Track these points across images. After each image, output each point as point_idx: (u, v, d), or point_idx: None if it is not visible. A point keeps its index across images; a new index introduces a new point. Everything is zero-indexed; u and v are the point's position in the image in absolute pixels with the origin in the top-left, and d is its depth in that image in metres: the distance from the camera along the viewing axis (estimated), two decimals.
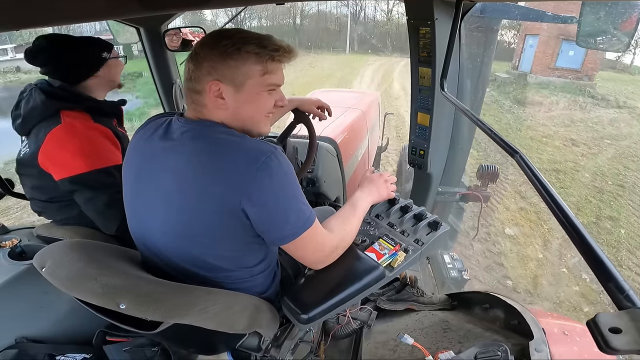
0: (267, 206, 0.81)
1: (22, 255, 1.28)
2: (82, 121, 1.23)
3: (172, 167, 0.83)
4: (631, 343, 0.41)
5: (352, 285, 0.98)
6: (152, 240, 0.91)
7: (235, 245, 0.88)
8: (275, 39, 0.87)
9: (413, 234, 1.15)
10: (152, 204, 0.87)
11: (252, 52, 0.83)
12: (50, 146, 1.18)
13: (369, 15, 36.34)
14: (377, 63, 22.94)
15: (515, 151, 0.94)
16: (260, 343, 0.99)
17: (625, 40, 1.58)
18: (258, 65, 0.85)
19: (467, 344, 1.04)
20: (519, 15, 2.38)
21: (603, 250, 0.56)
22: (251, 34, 0.85)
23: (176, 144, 0.84)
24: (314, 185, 2.12)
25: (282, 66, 0.91)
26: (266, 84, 0.88)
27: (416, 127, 2.06)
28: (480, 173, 2.86)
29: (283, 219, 0.83)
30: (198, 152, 0.81)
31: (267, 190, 0.79)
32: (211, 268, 0.89)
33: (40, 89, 1.23)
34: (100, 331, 1.17)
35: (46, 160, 1.20)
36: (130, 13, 1.59)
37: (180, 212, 0.83)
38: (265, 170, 0.78)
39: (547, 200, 0.73)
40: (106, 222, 1.26)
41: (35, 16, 0.94)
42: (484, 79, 2.59)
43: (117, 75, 1.39)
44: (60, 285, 0.78)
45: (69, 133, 1.19)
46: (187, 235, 0.85)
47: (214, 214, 0.81)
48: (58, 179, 1.20)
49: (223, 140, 0.82)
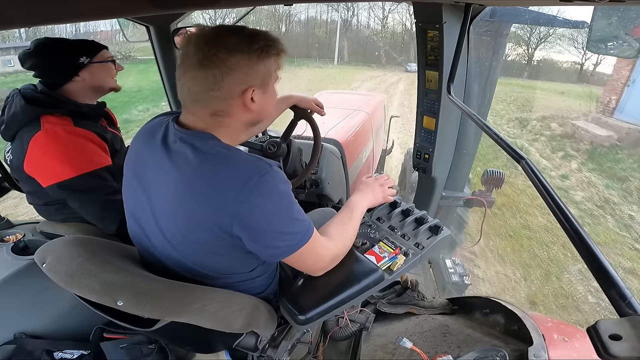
0: (259, 229, 0.78)
1: (25, 250, 1.29)
2: (63, 126, 1.20)
3: (165, 177, 0.81)
4: (631, 350, 0.40)
5: (351, 288, 0.97)
6: (148, 244, 0.90)
7: (229, 259, 0.87)
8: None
9: (414, 237, 1.14)
10: (147, 209, 0.86)
11: (272, 52, 0.82)
12: (34, 153, 1.17)
13: (362, 22, 32.65)
14: (368, 83, 19.64)
15: (521, 157, 0.93)
16: (257, 343, 0.98)
17: (637, 46, 1.56)
18: (275, 62, 0.85)
19: (466, 348, 1.03)
20: (530, 19, 2.36)
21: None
22: (260, 31, 0.83)
23: (171, 152, 0.81)
24: (318, 187, 2.11)
25: None
26: (277, 78, 0.88)
27: (421, 131, 2.05)
28: (485, 178, 2.83)
29: (276, 239, 0.81)
30: (190, 169, 0.78)
31: (259, 213, 0.76)
32: (206, 276, 0.88)
33: (22, 94, 1.21)
34: (97, 328, 1.18)
35: (32, 168, 1.19)
36: (142, 11, 1.60)
37: (174, 224, 0.82)
38: (257, 191, 0.75)
39: (552, 207, 0.72)
40: (105, 223, 1.26)
41: (46, 13, 0.95)
42: (491, 83, 2.57)
43: (103, 80, 1.32)
44: (59, 281, 0.78)
45: (50, 138, 1.17)
46: (181, 247, 0.84)
47: (206, 233, 0.79)
48: (46, 186, 1.19)
49: (217, 157, 0.79)
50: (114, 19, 2.06)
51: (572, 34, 20.25)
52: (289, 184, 0.82)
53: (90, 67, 1.27)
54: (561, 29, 14.96)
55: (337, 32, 29.38)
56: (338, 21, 30.55)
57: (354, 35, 31.35)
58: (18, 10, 0.82)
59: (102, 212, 1.24)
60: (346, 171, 2.41)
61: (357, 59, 28.98)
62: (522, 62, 24.04)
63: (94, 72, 1.29)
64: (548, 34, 23.75)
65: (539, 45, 24.79)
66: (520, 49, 24.52)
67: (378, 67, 25.56)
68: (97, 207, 1.23)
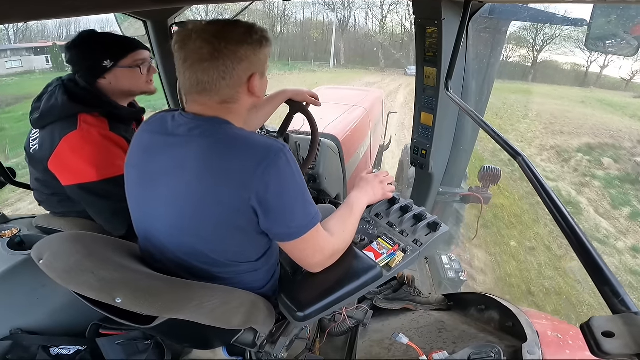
0: (275, 203, 0.82)
1: (21, 245, 1.28)
2: (99, 128, 1.19)
3: (178, 164, 0.83)
4: (624, 347, 0.40)
5: (349, 284, 0.98)
6: (155, 234, 0.91)
7: (240, 240, 0.88)
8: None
9: (412, 234, 1.15)
10: (157, 199, 0.88)
11: (268, 42, 0.90)
12: (63, 151, 1.15)
13: (360, 24, 30.70)
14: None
15: (518, 153, 0.94)
16: (255, 339, 0.99)
17: (635, 44, 1.57)
18: (269, 50, 0.92)
19: (461, 344, 1.04)
20: (529, 17, 2.36)
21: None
22: (252, 24, 0.90)
23: (182, 140, 0.84)
24: (315, 182, 2.12)
25: None
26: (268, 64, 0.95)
27: (419, 127, 2.05)
28: (482, 174, 2.85)
29: (290, 216, 0.85)
30: (207, 150, 0.82)
31: (275, 188, 0.80)
32: (214, 263, 0.89)
33: (65, 86, 1.19)
34: (93, 324, 1.18)
35: (57, 165, 1.17)
36: (140, 6, 1.58)
37: (187, 209, 0.84)
38: (274, 167, 0.80)
39: (548, 203, 0.73)
40: (113, 228, 1.25)
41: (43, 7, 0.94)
42: (489, 80, 2.58)
43: (130, 84, 1.27)
44: (57, 278, 0.78)
45: (83, 140, 1.15)
46: (192, 232, 0.86)
47: (221, 213, 0.82)
48: (66, 185, 1.18)
49: (232, 138, 0.84)
50: (112, 13, 2.04)
51: (578, 35, 19.20)
52: (298, 165, 0.86)
53: (115, 70, 1.22)
54: (566, 29, 13.95)
55: (334, 33, 27.87)
56: (334, 22, 29.09)
57: (352, 36, 29.83)
58: (14, 5, 0.81)
59: (113, 217, 1.23)
60: (344, 166, 2.42)
61: (354, 61, 27.57)
62: (526, 64, 23.12)
63: (119, 76, 1.24)
64: (554, 35, 22.98)
65: (543, 47, 23.94)
66: (524, 50, 23.64)
67: (376, 71, 24.36)
68: (109, 212, 1.22)
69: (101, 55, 1.19)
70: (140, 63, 1.26)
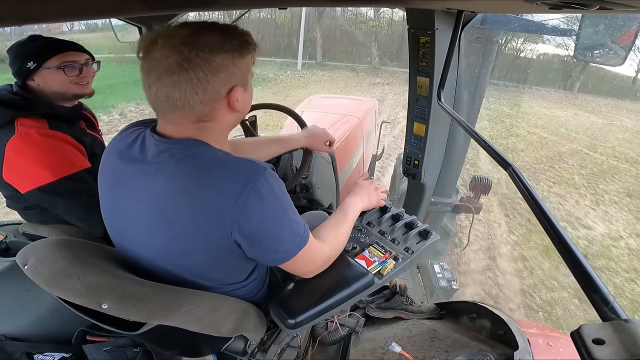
0: (260, 233, 0.76)
1: (6, 251, 1.25)
2: (38, 129, 1.16)
3: (150, 192, 0.76)
4: (614, 354, 0.41)
5: (341, 292, 0.97)
6: (134, 253, 0.86)
7: (225, 267, 0.86)
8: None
9: (403, 242, 1.15)
10: (132, 224, 0.82)
11: (250, 48, 0.78)
12: (11, 158, 1.13)
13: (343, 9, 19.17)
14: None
15: (508, 164, 0.95)
16: (246, 347, 0.98)
17: (622, 54, 1.60)
18: (252, 57, 0.80)
19: (453, 353, 1.03)
20: (519, 27, 2.41)
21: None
22: (232, 25, 0.78)
23: (151, 168, 0.76)
24: (308, 191, 2.11)
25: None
26: (252, 74, 0.83)
27: (411, 137, 2.06)
28: (473, 184, 2.88)
29: (277, 242, 0.79)
30: (178, 180, 0.73)
31: (258, 217, 0.74)
32: (199, 285, 0.85)
33: None
34: (80, 330, 1.15)
35: (10, 173, 1.15)
36: (134, 12, 1.58)
37: (164, 239, 0.78)
38: (255, 194, 0.72)
39: (537, 213, 0.74)
40: (91, 226, 1.24)
41: (37, 12, 0.93)
42: (481, 90, 2.62)
43: (58, 86, 1.23)
44: (42, 284, 0.76)
45: (25, 142, 1.13)
46: (172, 262, 0.81)
47: (204, 245, 0.77)
48: (26, 192, 1.15)
49: (207, 163, 0.74)
50: (105, 18, 2.04)
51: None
52: (283, 184, 0.79)
53: (41, 72, 1.20)
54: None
55: (302, 20, 18.03)
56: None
57: (332, 23, 20.25)
58: (8, 9, 0.81)
59: (87, 215, 1.21)
60: (336, 176, 2.42)
61: (335, 57, 19.28)
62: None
63: (46, 77, 1.22)
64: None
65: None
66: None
67: (368, 70, 17.44)
68: (81, 210, 1.21)
69: (26, 57, 1.19)
70: (67, 64, 1.23)
